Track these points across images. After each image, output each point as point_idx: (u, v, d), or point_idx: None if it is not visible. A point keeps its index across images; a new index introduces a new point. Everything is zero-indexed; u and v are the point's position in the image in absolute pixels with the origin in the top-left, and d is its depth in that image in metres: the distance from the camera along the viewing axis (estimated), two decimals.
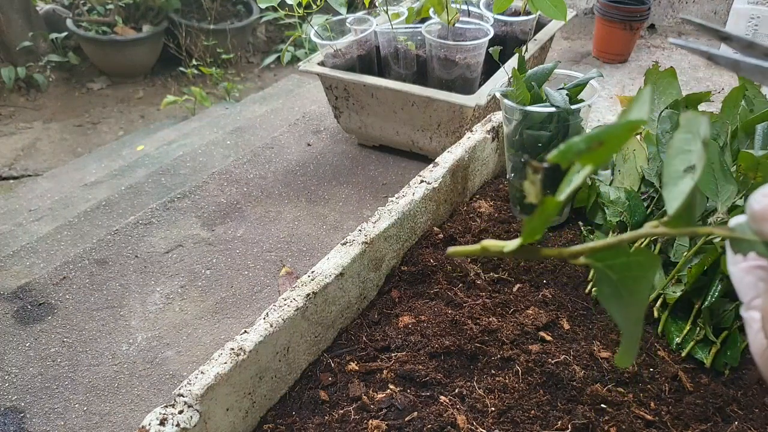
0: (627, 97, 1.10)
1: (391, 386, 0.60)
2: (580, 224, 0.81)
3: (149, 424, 0.49)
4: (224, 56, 2.94)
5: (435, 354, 0.63)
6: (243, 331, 0.57)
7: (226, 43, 2.99)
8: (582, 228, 0.80)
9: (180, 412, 0.50)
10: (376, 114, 1.17)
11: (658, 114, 0.72)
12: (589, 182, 0.82)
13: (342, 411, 0.58)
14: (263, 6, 1.13)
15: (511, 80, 0.76)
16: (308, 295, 0.62)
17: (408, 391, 0.60)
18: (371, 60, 1.21)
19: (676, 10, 1.90)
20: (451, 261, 0.75)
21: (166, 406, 0.50)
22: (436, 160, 0.83)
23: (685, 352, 0.64)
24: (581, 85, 0.78)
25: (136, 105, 2.81)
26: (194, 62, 2.81)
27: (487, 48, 1.07)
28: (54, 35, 2.85)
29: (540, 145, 0.77)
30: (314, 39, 1.15)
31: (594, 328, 0.68)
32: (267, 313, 0.59)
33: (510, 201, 0.87)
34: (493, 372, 0.62)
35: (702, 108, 0.75)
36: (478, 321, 0.66)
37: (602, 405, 0.58)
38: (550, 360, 0.62)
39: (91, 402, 0.74)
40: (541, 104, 0.75)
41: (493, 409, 0.57)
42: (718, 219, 0.62)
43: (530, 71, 0.79)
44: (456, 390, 0.60)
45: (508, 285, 0.74)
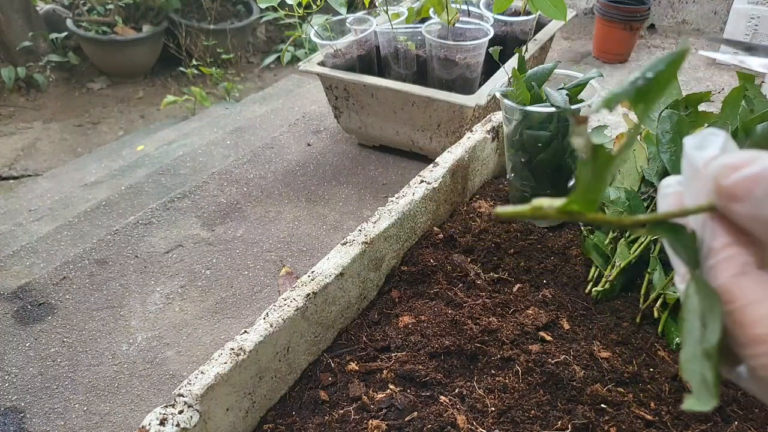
0: None
1: (391, 386, 0.60)
2: (580, 224, 0.81)
3: (149, 424, 0.49)
4: (224, 56, 2.94)
5: (435, 354, 0.63)
6: (243, 331, 0.57)
7: (226, 43, 2.99)
8: (582, 228, 0.80)
9: (180, 412, 0.50)
10: (376, 114, 1.17)
11: (658, 114, 0.72)
12: None
13: (342, 411, 0.58)
14: (263, 6, 1.13)
15: (511, 80, 0.76)
16: (308, 295, 0.62)
17: (408, 391, 0.60)
18: (371, 60, 1.21)
19: (676, 10, 1.90)
20: (451, 261, 0.75)
21: (166, 406, 0.51)
22: (436, 160, 0.83)
23: None
24: (581, 85, 0.78)
25: (136, 105, 2.81)
26: (194, 62, 2.81)
27: (487, 48, 1.07)
28: (54, 35, 2.85)
29: (540, 145, 0.77)
30: (314, 39, 1.15)
31: (594, 328, 0.68)
32: (267, 313, 0.59)
33: (510, 201, 0.87)
34: (493, 372, 0.62)
35: (702, 108, 0.75)
36: (478, 321, 0.66)
37: (602, 405, 0.58)
38: (550, 360, 0.62)
39: (91, 402, 0.74)
40: (541, 104, 0.75)
41: (493, 409, 0.57)
42: None
43: (530, 71, 0.79)
44: (456, 390, 0.60)
45: (508, 285, 0.74)
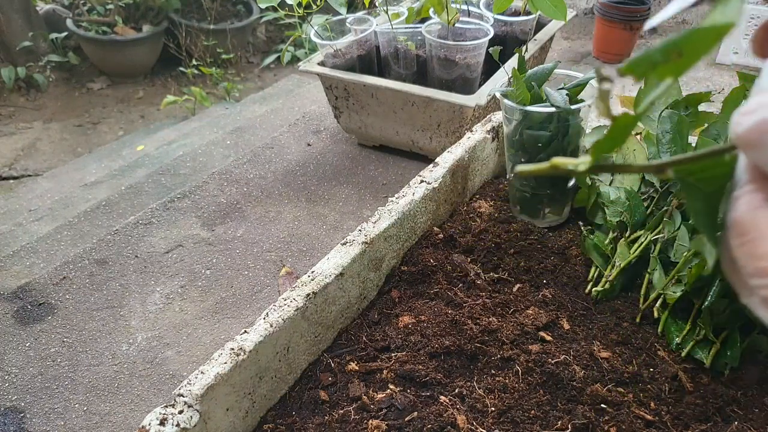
0: (627, 97, 1.10)
1: (391, 386, 0.60)
2: (580, 224, 0.81)
3: (149, 424, 0.49)
4: (224, 56, 2.94)
5: (435, 354, 0.63)
6: (243, 331, 0.57)
7: (226, 43, 2.99)
8: (582, 228, 0.80)
9: (180, 412, 0.50)
10: (376, 114, 1.17)
11: (658, 114, 0.72)
12: (589, 182, 0.82)
13: (342, 411, 0.58)
14: (263, 6, 1.13)
15: (511, 80, 0.76)
16: (308, 295, 0.62)
17: (408, 391, 0.60)
18: (371, 60, 1.21)
19: None
20: (451, 261, 0.75)
21: (166, 406, 0.50)
22: (436, 160, 0.83)
23: (685, 352, 0.64)
24: (581, 85, 0.78)
25: (136, 105, 2.81)
26: (194, 62, 2.81)
27: (487, 48, 1.07)
28: (54, 35, 2.85)
29: (540, 145, 0.77)
30: (314, 39, 1.15)
31: (594, 328, 0.68)
32: (267, 313, 0.59)
33: (510, 201, 0.87)
34: (493, 372, 0.62)
35: (702, 108, 0.75)
36: (478, 321, 0.66)
37: (602, 405, 0.58)
38: (550, 360, 0.62)
39: (91, 402, 0.74)
40: (541, 104, 0.75)
41: (493, 409, 0.57)
42: None
43: (530, 71, 0.79)
44: (456, 390, 0.60)
45: (508, 285, 0.74)
